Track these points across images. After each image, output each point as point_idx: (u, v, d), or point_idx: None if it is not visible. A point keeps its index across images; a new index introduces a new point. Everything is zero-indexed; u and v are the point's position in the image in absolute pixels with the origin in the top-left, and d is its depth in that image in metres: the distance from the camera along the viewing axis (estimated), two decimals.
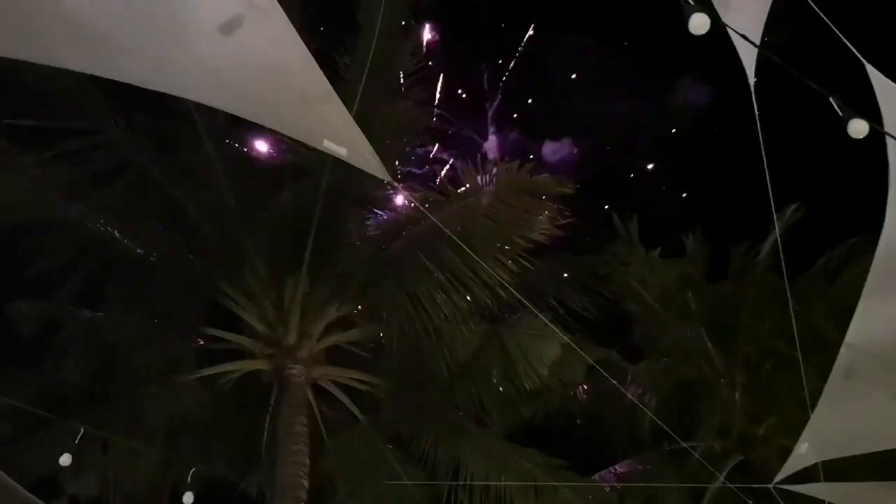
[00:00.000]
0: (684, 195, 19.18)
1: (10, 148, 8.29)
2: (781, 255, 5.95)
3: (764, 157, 4.08)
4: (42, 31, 2.90)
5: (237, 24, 2.93)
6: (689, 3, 2.85)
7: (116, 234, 8.75)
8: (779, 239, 7.46)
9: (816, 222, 10.67)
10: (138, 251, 8.93)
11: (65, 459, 7.53)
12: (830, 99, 3.03)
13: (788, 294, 6.27)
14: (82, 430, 7.60)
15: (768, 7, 3.36)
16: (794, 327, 6.01)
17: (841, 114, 3.05)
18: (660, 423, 8.25)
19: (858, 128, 3.13)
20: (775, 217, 6.13)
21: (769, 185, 4.31)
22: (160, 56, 2.94)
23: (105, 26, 2.85)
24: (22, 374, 9.00)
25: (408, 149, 10.14)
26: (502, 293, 7.88)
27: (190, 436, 9.16)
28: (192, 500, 7.94)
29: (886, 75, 3.36)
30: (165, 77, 3.10)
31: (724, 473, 9.69)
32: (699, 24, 2.89)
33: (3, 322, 8.69)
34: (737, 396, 10.85)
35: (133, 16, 2.82)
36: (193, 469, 8.19)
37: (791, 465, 5.67)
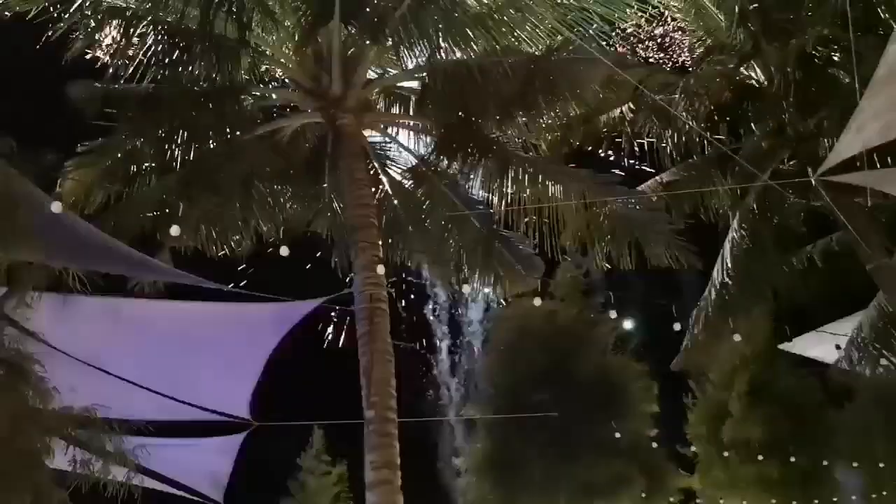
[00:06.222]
0: None
1: None
2: None
3: None
4: None
5: None
6: None
7: None
8: None
9: None
10: None
11: None
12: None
13: None
14: None
15: None
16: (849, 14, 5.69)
17: None
18: (704, 133, 8.24)
19: None
20: None
21: None
22: None
23: None
24: None
25: None
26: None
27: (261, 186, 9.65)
28: None
29: None
30: None
31: (769, 171, 9.85)
32: None
33: None
34: (789, 91, 10.54)
35: None
36: None
37: (835, 157, 5.63)
